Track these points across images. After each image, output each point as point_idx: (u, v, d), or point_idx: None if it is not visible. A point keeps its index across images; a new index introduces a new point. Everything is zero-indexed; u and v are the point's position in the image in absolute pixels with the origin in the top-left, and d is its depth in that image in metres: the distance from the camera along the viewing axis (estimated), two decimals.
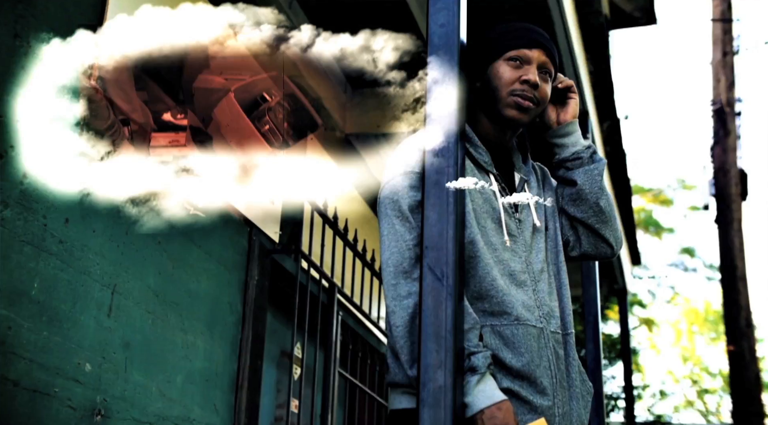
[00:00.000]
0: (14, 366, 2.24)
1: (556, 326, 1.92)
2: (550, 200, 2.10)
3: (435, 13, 1.79)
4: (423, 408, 1.56)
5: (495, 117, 1.99)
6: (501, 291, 1.83)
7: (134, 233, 2.80)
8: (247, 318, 3.50)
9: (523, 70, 1.95)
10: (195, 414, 3.11)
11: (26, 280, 2.31)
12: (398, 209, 1.83)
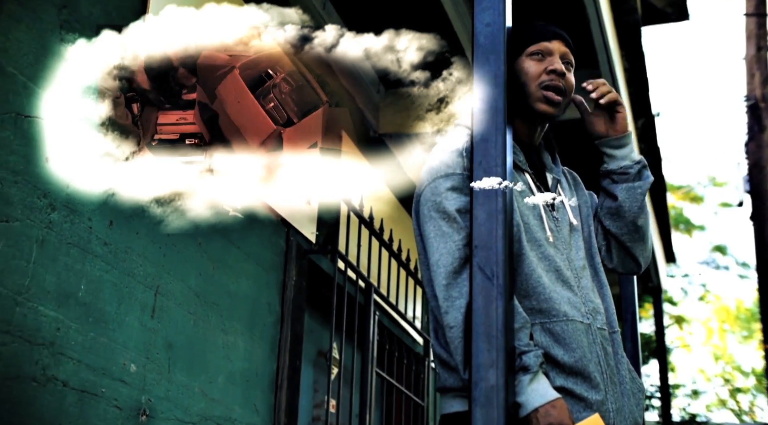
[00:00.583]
0: (63, 366, 2.27)
1: (602, 323, 1.91)
2: (582, 203, 2.11)
3: (480, 12, 1.78)
4: (475, 408, 1.56)
5: (526, 114, 1.99)
6: (547, 288, 1.83)
7: (175, 234, 2.83)
8: (285, 319, 3.51)
9: (547, 61, 1.96)
10: (236, 414, 3.13)
11: (73, 282, 2.34)
12: (443, 211, 1.83)
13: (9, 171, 2.14)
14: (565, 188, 2.09)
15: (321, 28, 3.91)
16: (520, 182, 1.93)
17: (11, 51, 2.18)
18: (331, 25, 4.05)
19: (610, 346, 1.90)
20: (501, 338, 1.59)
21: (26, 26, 2.23)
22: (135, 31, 2.64)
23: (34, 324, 2.18)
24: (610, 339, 1.92)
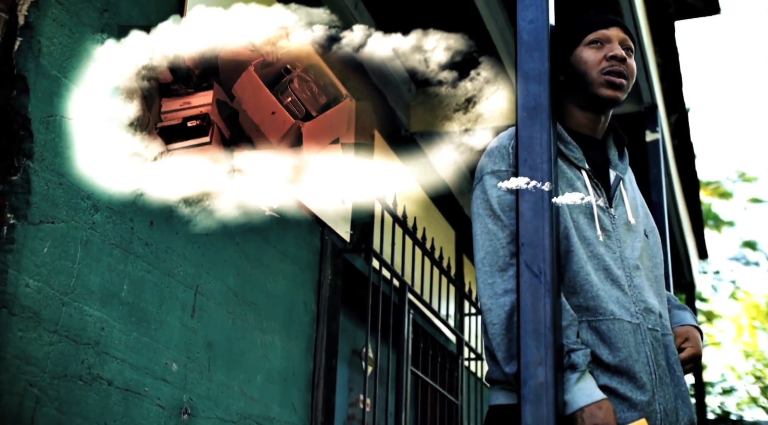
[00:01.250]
0: (108, 365, 2.30)
1: (655, 324, 1.88)
2: (640, 198, 2.09)
3: (523, 9, 1.78)
4: (524, 405, 1.56)
5: (588, 102, 1.96)
6: (595, 286, 1.81)
7: (213, 234, 2.85)
8: (321, 318, 3.53)
9: (606, 48, 1.94)
10: (274, 413, 3.15)
11: (116, 282, 2.37)
12: (489, 208, 1.84)
13: (54, 173, 2.17)
14: (629, 186, 2.05)
15: (351, 27, 3.92)
16: (575, 179, 1.90)
17: (55, 54, 2.20)
18: (362, 25, 4.06)
19: (662, 347, 1.87)
20: (549, 335, 1.59)
21: (69, 30, 2.25)
22: (172, 32, 2.66)
23: (80, 323, 2.21)
24: (663, 341, 1.89)
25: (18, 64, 2.11)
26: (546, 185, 1.68)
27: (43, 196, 2.13)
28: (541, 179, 1.69)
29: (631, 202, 2.01)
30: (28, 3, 2.14)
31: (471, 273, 5.74)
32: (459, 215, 5.65)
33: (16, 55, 2.11)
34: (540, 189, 1.68)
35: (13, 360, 1.98)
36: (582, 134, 1.99)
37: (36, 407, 2.04)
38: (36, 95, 2.14)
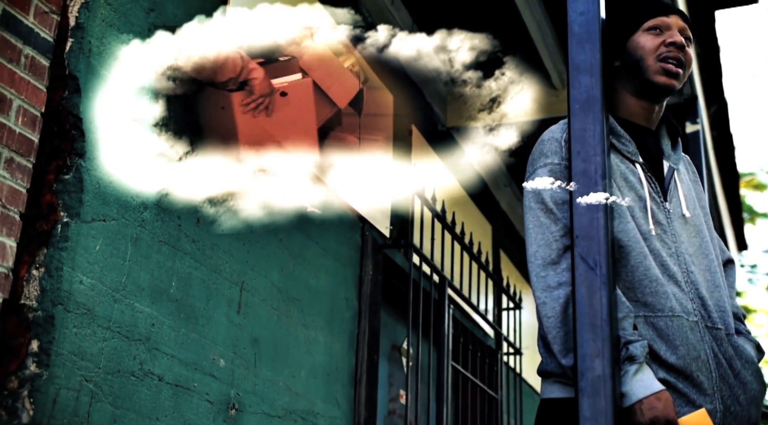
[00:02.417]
0: (158, 361, 2.33)
1: (715, 321, 1.83)
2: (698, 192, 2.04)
3: (574, 1, 1.77)
4: (582, 398, 1.55)
5: (643, 89, 1.92)
6: (654, 281, 1.78)
7: (258, 231, 2.87)
8: (363, 313, 3.54)
9: (665, 35, 1.91)
10: (318, 408, 3.16)
11: (165, 279, 2.39)
12: (541, 202, 1.83)
13: (105, 172, 2.20)
14: (684, 177, 2.02)
15: (389, 24, 3.93)
16: (629, 173, 1.87)
17: (105, 54, 2.23)
18: (401, 21, 4.06)
19: (721, 346, 1.82)
20: (606, 327, 1.58)
21: (117, 30, 2.28)
22: (218, 30, 2.68)
23: (131, 320, 2.24)
24: (725, 340, 1.83)
25: (69, 64, 2.14)
26: (599, 177, 1.67)
27: (95, 194, 2.16)
28: (594, 171, 1.68)
29: (686, 194, 1.96)
30: (78, 4, 2.17)
31: (508, 268, 5.72)
32: (495, 209, 5.63)
33: (68, 56, 2.15)
34: (594, 181, 1.67)
35: (69, 356, 2.01)
36: (635, 123, 1.96)
37: (92, 402, 2.07)
38: (87, 95, 2.17)
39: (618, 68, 1.95)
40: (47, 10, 2.13)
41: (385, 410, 4.05)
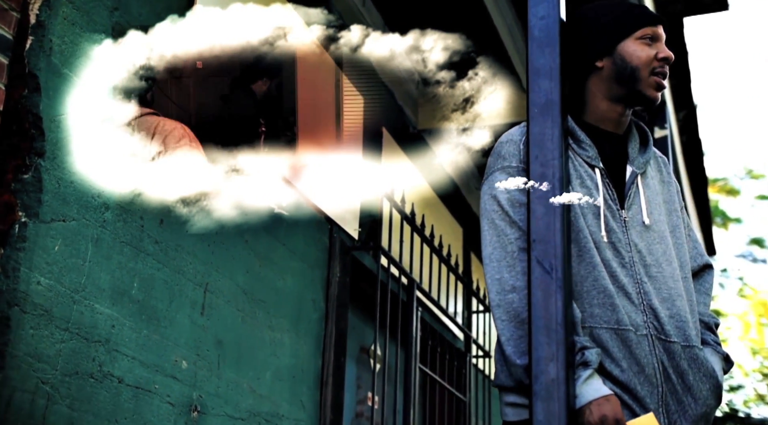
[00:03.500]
0: (119, 363, 2.30)
1: (670, 334, 1.79)
2: (668, 197, 1.99)
3: (534, 5, 1.78)
4: (536, 401, 1.56)
5: (628, 97, 1.92)
6: (602, 293, 1.76)
7: (223, 232, 2.85)
8: (330, 315, 3.53)
9: (656, 47, 1.92)
10: (283, 410, 3.15)
11: (127, 280, 2.37)
12: (498, 205, 1.82)
13: (65, 172, 2.18)
14: (651, 182, 1.96)
15: (358, 26, 3.92)
16: (586, 178, 1.85)
17: (66, 53, 2.21)
18: (369, 23, 4.06)
19: (674, 360, 1.78)
20: (561, 331, 1.59)
21: (80, 28, 2.26)
22: (184, 30, 2.66)
23: (91, 321, 2.22)
24: (680, 353, 1.79)
25: (29, 62, 2.12)
26: (557, 182, 1.68)
27: (55, 194, 2.14)
28: (552, 175, 1.68)
29: (650, 199, 1.91)
30: (39, 2, 2.14)
31: (479, 270, 5.73)
32: (467, 212, 5.65)
33: (28, 54, 2.12)
34: (551, 186, 1.67)
35: (24, 357, 1.99)
36: (600, 129, 1.94)
37: (48, 404, 2.05)
38: (47, 94, 2.14)
39: (595, 69, 1.93)
40: (6, 7, 2.11)
41: (353, 412, 4.04)
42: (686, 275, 1.91)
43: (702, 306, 1.97)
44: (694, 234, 2.08)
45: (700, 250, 2.06)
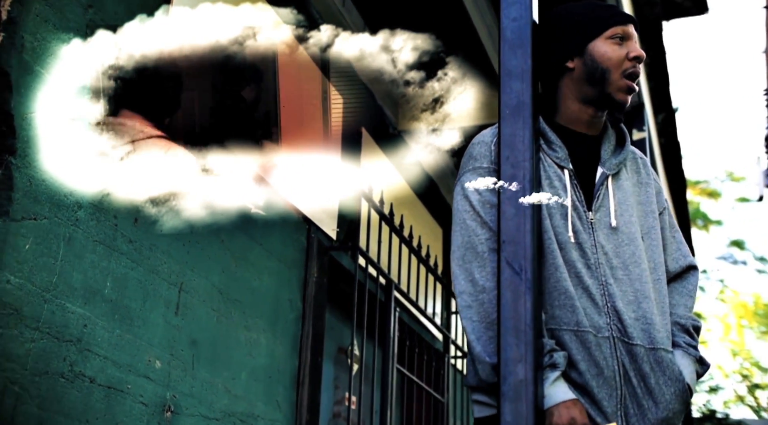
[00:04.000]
0: (90, 362, 2.29)
1: (633, 337, 1.77)
2: (644, 198, 1.96)
3: (507, 7, 1.78)
4: (504, 402, 1.56)
5: (598, 99, 1.90)
6: (563, 294, 1.75)
7: (199, 232, 2.84)
8: (307, 316, 3.52)
9: (627, 46, 1.89)
10: (259, 410, 3.14)
11: (99, 279, 2.36)
12: (469, 205, 1.83)
13: (37, 170, 2.16)
14: (624, 183, 1.93)
15: (340, 26, 3.92)
16: (555, 180, 1.84)
17: (39, 50, 2.19)
18: (352, 23, 4.06)
19: (636, 362, 1.76)
20: (529, 332, 1.59)
21: (53, 26, 2.24)
22: (160, 29, 2.65)
23: (62, 320, 2.20)
24: (644, 356, 1.77)
25: (0, 60, 2.10)
26: (528, 183, 1.68)
27: (26, 192, 2.12)
28: (522, 176, 1.69)
29: (620, 201, 1.89)
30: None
31: None
32: (446, 212, 5.65)
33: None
34: (521, 187, 1.68)
35: None
36: (572, 130, 1.93)
37: (16, 404, 2.03)
38: (18, 91, 2.12)
39: (566, 70, 1.91)
40: None
41: (330, 413, 4.04)
42: (659, 277, 1.89)
43: (682, 308, 1.93)
44: (679, 235, 2.04)
45: (684, 251, 2.02)
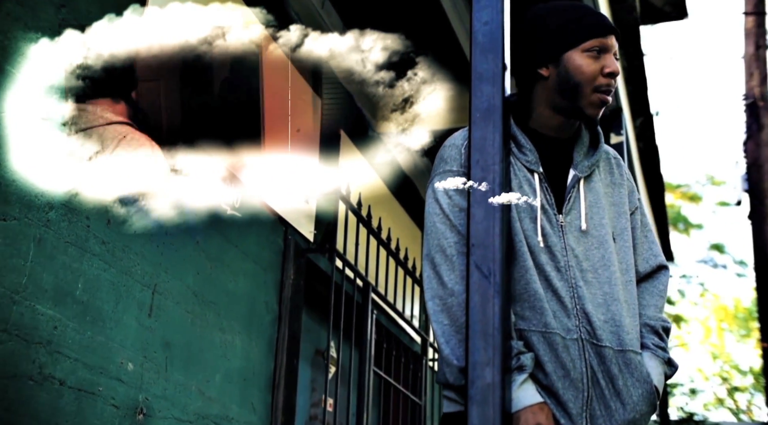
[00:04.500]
0: (60, 365, 2.27)
1: (602, 338, 1.78)
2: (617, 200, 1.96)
3: (479, 10, 1.78)
4: (471, 406, 1.55)
5: (568, 111, 1.88)
6: (533, 296, 1.76)
7: (173, 233, 2.82)
8: (283, 318, 3.51)
9: (603, 60, 1.84)
10: (233, 413, 3.13)
11: (71, 280, 2.34)
12: (439, 208, 1.84)
13: (7, 170, 2.14)
14: (596, 185, 1.92)
15: (319, 27, 3.91)
16: (525, 183, 1.85)
17: (9, 50, 2.17)
18: (331, 25, 4.05)
19: (604, 364, 1.77)
20: (498, 336, 1.59)
21: (25, 25, 2.23)
22: (134, 29, 2.64)
23: (32, 322, 2.18)
24: (612, 357, 1.77)
25: None
26: (497, 187, 1.68)
27: None
28: (492, 180, 1.68)
29: (591, 204, 1.89)
30: None
31: None
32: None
33: None
34: (491, 190, 1.68)
35: None
36: (544, 134, 1.92)
37: None
38: None
39: (539, 76, 1.90)
40: None
41: (306, 415, 4.03)
42: (629, 279, 1.89)
43: (652, 309, 1.93)
44: (652, 235, 2.04)
45: (655, 251, 2.02)
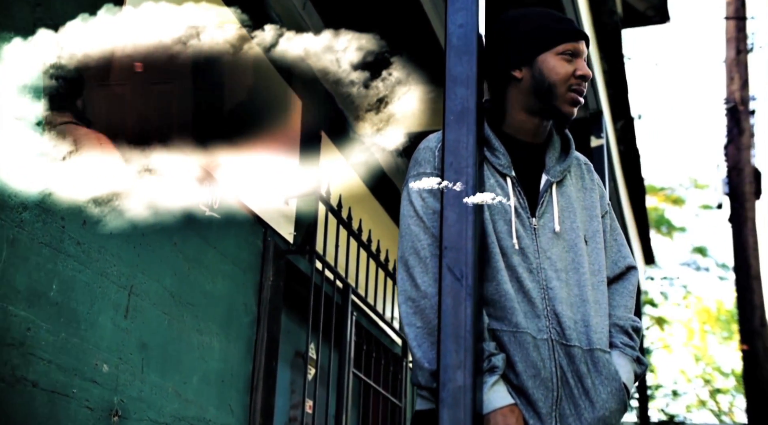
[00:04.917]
0: (33, 366, 2.25)
1: (571, 338, 1.80)
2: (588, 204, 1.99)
3: (453, 13, 1.79)
4: (442, 409, 1.56)
5: (544, 111, 1.93)
6: (503, 296, 1.78)
7: (150, 234, 2.81)
8: (261, 319, 3.50)
9: (575, 63, 1.91)
10: (210, 415, 3.11)
11: (45, 281, 2.32)
12: (413, 210, 1.84)
13: None
14: (568, 189, 1.97)
15: (300, 28, 3.91)
16: (497, 187, 1.86)
17: None
18: (312, 26, 4.05)
19: (573, 363, 1.79)
20: (469, 339, 1.59)
21: None
22: (110, 28, 2.62)
23: (4, 323, 2.16)
24: (581, 357, 1.80)
25: None
26: (470, 189, 1.68)
27: None
28: (465, 182, 1.69)
29: (564, 207, 1.93)
30: None
31: None
32: None
33: None
34: (464, 193, 1.68)
35: None
36: (517, 139, 1.95)
37: None
38: None
39: (514, 79, 1.93)
40: None
41: (285, 417, 4.01)
42: (600, 280, 1.93)
43: (621, 309, 1.97)
44: (621, 238, 2.09)
45: (624, 253, 2.06)
